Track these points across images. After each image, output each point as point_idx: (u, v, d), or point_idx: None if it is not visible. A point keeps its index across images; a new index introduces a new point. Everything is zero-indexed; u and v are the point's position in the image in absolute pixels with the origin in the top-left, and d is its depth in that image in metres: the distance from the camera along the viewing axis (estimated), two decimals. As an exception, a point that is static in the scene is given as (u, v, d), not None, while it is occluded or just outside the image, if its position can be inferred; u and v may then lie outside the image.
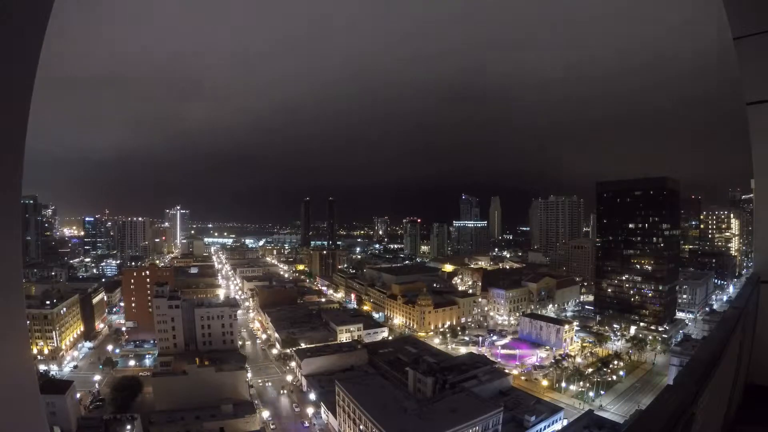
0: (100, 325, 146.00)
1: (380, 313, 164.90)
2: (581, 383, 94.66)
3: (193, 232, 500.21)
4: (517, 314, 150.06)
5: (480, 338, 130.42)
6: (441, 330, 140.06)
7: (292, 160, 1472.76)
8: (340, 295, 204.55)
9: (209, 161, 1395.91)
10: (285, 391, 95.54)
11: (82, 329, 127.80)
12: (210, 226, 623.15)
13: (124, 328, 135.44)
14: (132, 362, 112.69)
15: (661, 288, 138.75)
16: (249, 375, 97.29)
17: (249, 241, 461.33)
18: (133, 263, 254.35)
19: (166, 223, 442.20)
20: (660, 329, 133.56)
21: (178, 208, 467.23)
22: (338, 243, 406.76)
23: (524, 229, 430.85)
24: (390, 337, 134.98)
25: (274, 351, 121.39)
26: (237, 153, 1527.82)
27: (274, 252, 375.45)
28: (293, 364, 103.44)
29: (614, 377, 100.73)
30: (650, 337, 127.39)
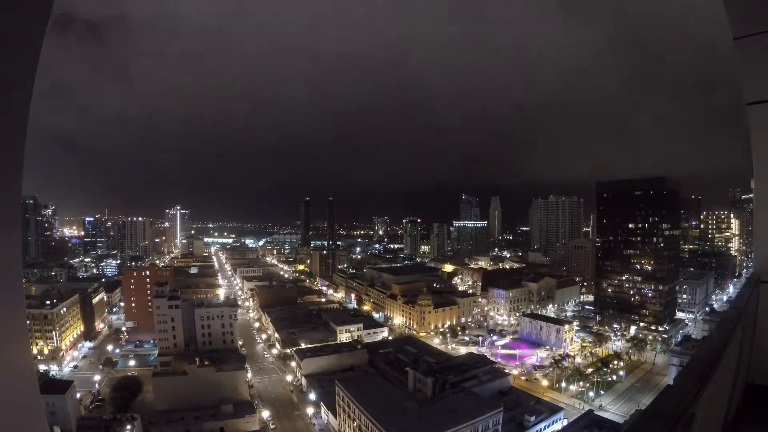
0: (100, 325, 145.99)
1: (380, 313, 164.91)
2: (581, 383, 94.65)
3: (193, 232, 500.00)
4: (517, 314, 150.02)
5: (480, 338, 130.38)
6: (441, 330, 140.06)
7: (293, 160, 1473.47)
8: (340, 295, 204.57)
9: (210, 161, 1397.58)
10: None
11: (82, 329, 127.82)
12: (210, 226, 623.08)
13: (124, 328, 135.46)
14: (132, 362, 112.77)
15: (661, 288, 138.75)
16: (249, 375, 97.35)
17: (249, 241, 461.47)
18: (133, 263, 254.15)
19: (166, 223, 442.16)
20: (660, 329, 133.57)
21: (178, 208, 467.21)
22: (338, 243, 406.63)
23: (524, 229, 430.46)
24: (390, 337, 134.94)
25: (274, 351, 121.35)
26: (237, 153, 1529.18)
27: (274, 252, 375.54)
28: (293, 364, 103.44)
29: (614, 377, 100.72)
30: (650, 337, 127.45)
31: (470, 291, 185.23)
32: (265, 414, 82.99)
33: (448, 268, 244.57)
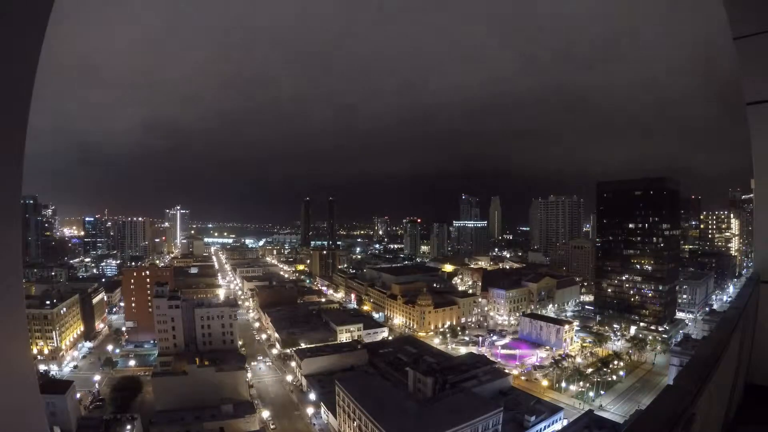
0: (100, 325, 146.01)
1: (380, 313, 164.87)
2: (581, 383, 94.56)
3: (193, 232, 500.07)
4: (517, 314, 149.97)
5: (480, 338, 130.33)
6: (441, 330, 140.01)
7: (293, 160, 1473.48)
8: (340, 295, 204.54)
9: (210, 161, 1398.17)
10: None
11: (82, 329, 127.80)
12: (210, 226, 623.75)
13: (124, 328, 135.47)
14: (132, 362, 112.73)
15: (661, 288, 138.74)
16: (249, 375, 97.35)
17: (249, 241, 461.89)
18: (133, 263, 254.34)
19: (166, 223, 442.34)
20: (660, 329, 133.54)
21: (178, 208, 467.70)
22: (338, 243, 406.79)
23: (524, 229, 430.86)
24: (390, 337, 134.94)
25: (274, 351, 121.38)
26: (237, 153, 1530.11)
27: (274, 252, 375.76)
28: (293, 364, 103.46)
29: (614, 377, 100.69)
30: (650, 337, 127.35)
31: (470, 291, 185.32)
32: (265, 414, 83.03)
33: (448, 268, 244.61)
